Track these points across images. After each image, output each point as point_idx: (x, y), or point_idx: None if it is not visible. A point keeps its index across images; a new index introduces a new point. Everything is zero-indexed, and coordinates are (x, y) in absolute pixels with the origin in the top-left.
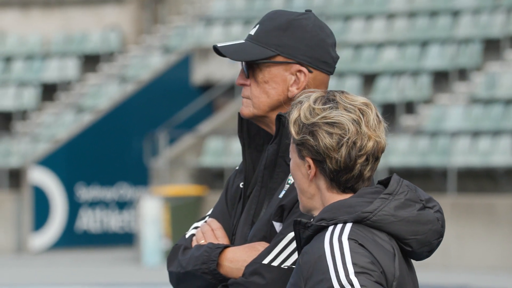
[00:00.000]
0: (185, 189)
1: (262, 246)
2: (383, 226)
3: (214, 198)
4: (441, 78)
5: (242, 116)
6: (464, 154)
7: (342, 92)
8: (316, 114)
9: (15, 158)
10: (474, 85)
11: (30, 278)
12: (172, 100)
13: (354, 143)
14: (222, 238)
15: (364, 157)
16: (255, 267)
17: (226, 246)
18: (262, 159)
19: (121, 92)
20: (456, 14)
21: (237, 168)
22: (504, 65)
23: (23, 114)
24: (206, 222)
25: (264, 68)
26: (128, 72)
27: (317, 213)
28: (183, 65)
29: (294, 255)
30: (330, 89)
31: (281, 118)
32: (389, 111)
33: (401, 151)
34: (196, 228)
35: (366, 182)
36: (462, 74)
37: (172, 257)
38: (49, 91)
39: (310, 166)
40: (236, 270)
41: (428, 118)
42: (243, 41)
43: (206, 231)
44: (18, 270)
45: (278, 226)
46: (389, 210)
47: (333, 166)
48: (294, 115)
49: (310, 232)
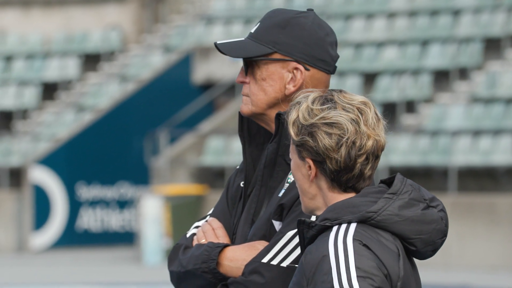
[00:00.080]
0: (185, 188)
1: (261, 245)
2: (388, 226)
3: (214, 197)
4: (441, 77)
5: (242, 114)
6: (464, 153)
7: (340, 91)
8: (314, 115)
9: (16, 157)
10: (475, 84)
11: (31, 277)
12: (172, 99)
13: (354, 143)
14: (222, 237)
15: (364, 156)
16: (254, 266)
17: (226, 245)
18: (262, 158)
19: (121, 91)
20: (456, 13)
21: (238, 167)
22: (504, 64)
23: (24, 113)
24: (207, 221)
25: (262, 65)
26: (128, 71)
27: (319, 212)
28: (184, 64)
29: (293, 254)
30: (331, 88)
31: (280, 117)
32: (389, 110)
33: (401, 150)
34: (197, 227)
35: (367, 181)
36: (463, 73)
37: (172, 256)
38: (49, 90)
39: (310, 167)
40: (235, 269)
41: (428, 117)
42: (243, 39)
43: (207, 231)
44: (19, 269)
45: (277, 225)
46: (393, 210)
47: (333, 166)
48: (292, 116)
49: (314, 232)
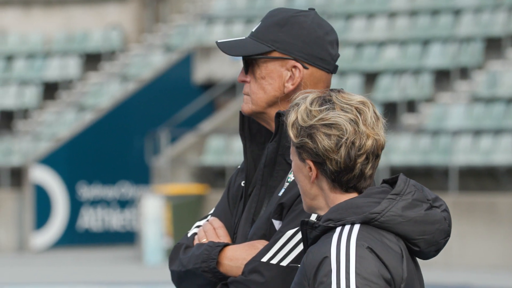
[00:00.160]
0: (186, 187)
1: (261, 244)
2: (391, 226)
3: (215, 196)
4: (442, 77)
5: (243, 113)
6: (465, 153)
7: (339, 91)
8: (313, 116)
9: (17, 157)
10: (476, 83)
11: (32, 276)
12: (173, 98)
13: (353, 143)
14: (223, 236)
15: (364, 156)
16: (254, 265)
17: (226, 245)
18: (262, 158)
19: (122, 90)
20: (457, 12)
21: (239, 167)
22: (505, 63)
23: (25, 113)
24: (208, 221)
25: (261, 64)
26: (129, 70)
27: (321, 212)
28: (185, 63)
29: (292, 253)
30: (332, 87)
31: (280, 116)
32: (390, 110)
33: (402, 150)
34: (198, 227)
35: (368, 180)
36: (464, 72)
37: (173, 256)
38: (50, 90)
39: (311, 168)
40: (235, 268)
41: (429, 117)
42: (244, 38)
43: (208, 230)
44: (20, 268)
45: (277, 224)
46: (396, 211)
47: (333, 167)
48: (291, 118)
49: (317, 232)
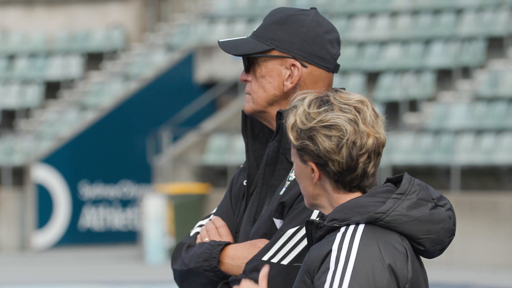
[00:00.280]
0: (188, 187)
1: (263, 243)
2: (396, 226)
3: (217, 196)
4: (444, 76)
5: (244, 112)
6: (467, 152)
7: (336, 91)
8: (312, 119)
9: (19, 156)
10: (478, 83)
11: (33, 276)
12: (175, 98)
13: (354, 143)
14: (226, 236)
15: (365, 155)
16: (255, 264)
17: (227, 243)
18: (263, 157)
19: (124, 90)
20: (459, 12)
21: (241, 166)
22: (507, 63)
23: (27, 112)
24: (210, 220)
25: (261, 62)
26: (131, 70)
27: (323, 210)
28: (187, 63)
29: (293, 252)
30: (333, 87)
31: (281, 115)
32: (392, 109)
33: (404, 149)
34: (201, 226)
35: (370, 179)
36: (466, 72)
37: (176, 255)
38: (52, 89)
39: (313, 170)
40: (237, 267)
41: (431, 116)
42: (245, 37)
43: (210, 229)
44: (21, 268)
45: (278, 223)
46: (401, 210)
47: (335, 168)
48: (290, 121)
49: (322, 232)
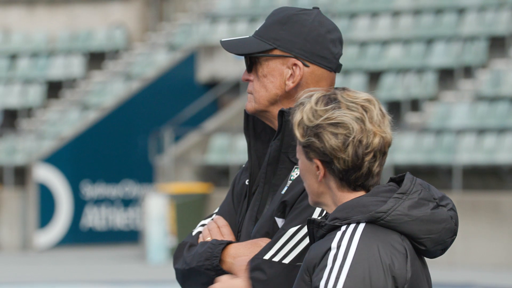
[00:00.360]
0: (190, 186)
1: (264, 242)
2: (397, 226)
3: (219, 195)
4: (446, 76)
5: (247, 111)
6: (469, 152)
7: (344, 89)
8: (319, 116)
9: (20, 156)
10: (479, 82)
11: (35, 275)
12: (177, 97)
13: (360, 142)
14: (228, 235)
15: (371, 154)
16: (256, 263)
17: (229, 243)
18: (265, 156)
19: (126, 89)
20: (461, 11)
21: (244, 165)
22: (509, 62)
23: (28, 112)
24: (212, 219)
25: (263, 62)
26: (133, 69)
27: (327, 208)
28: (188, 62)
29: (295, 251)
30: (336, 86)
31: (283, 114)
32: (394, 109)
33: (406, 149)
34: (203, 225)
35: (375, 178)
36: (467, 71)
37: (178, 254)
38: (54, 89)
39: (318, 167)
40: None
41: (433, 116)
42: (248, 36)
43: (212, 228)
44: (23, 267)
45: (280, 222)
46: (403, 210)
47: (341, 166)
48: (297, 118)
49: (324, 231)
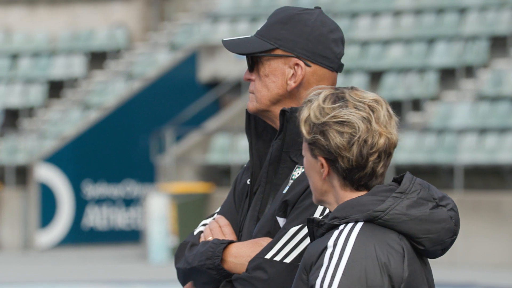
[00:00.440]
0: (191, 186)
1: (266, 241)
2: (395, 225)
3: (220, 195)
4: (447, 75)
5: (248, 111)
6: (470, 151)
7: (352, 88)
8: (326, 114)
9: (22, 155)
10: (481, 82)
11: (37, 275)
12: (178, 97)
13: (365, 141)
14: (229, 234)
15: (376, 154)
16: (258, 262)
17: (230, 242)
18: (267, 155)
19: (127, 89)
20: (462, 11)
21: (245, 165)
22: (510, 62)
23: (30, 111)
24: (214, 219)
25: (265, 61)
26: (134, 69)
27: (330, 207)
28: (190, 62)
29: (296, 250)
30: (338, 85)
31: (285, 113)
32: (395, 108)
33: (407, 148)
34: (204, 225)
35: (379, 179)
36: (469, 71)
37: (179, 253)
38: (55, 88)
39: (322, 165)
40: (240, 265)
41: (434, 115)
42: (250, 36)
43: (214, 228)
44: (25, 267)
45: (282, 221)
46: (401, 209)
47: (345, 164)
48: (304, 114)
49: (323, 230)
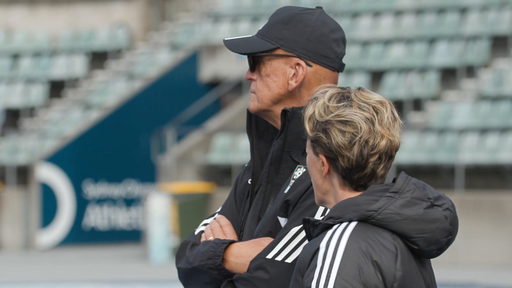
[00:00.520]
0: (192, 186)
1: (267, 241)
2: (388, 224)
3: (221, 195)
4: (448, 75)
5: (250, 110)
6: (471, 151)
7: (359, 89)
8: (329, 112)
9: (23, 155)
10: (482, 82)
11: (38, 275)
12: (179, 97)
13: (366, 142)
14: (230, 234)
15: (376, 155)
16: (259, 262)
17: (231, 242)
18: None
19: (128, 89)
20: (463, 11)
21: (246, 165)
22: (511, 62)
23: (31, 111)
24: (215, 218)
25: (266, 61)
26: (135, 69)
27: (330, 207)
28: (191, 62)
29: (297, 250)
30: (338, 85)
31: (286, 113)
32: (396, 108)
33: (408, 148)
34: (205, 225)
35: (379, 180)
36: (470, 71)
37: (180, 253)
38: (56, 88)
39: (323, 163)
40: (241, 265)
41: (435, 115)
42: (251, 35)
43: (215, 228)
44: (26, 267)
45: (283, 221)
46: (394, 209)
47: (345, 164)
48: (309, 112)
49: (319, 230)
